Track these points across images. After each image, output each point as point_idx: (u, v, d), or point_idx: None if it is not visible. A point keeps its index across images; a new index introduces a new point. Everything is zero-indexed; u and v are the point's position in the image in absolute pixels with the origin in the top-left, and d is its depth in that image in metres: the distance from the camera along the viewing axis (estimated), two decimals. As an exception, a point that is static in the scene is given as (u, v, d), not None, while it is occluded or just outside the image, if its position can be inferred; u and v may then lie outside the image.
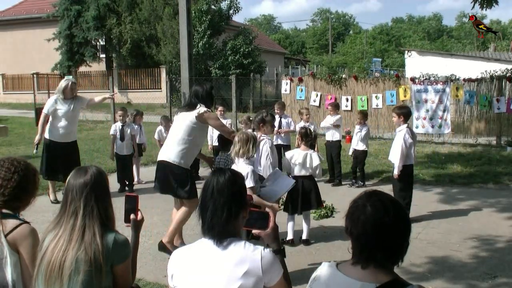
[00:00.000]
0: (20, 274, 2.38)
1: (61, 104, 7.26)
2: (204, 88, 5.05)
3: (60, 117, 7.26)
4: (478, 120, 12.26)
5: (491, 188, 8.24)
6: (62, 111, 7.25)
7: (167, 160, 4.89)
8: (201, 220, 2.03)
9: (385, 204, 1.69)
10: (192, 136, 4.91)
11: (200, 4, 22.85)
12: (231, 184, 2.01)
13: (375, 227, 1.65)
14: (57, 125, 7.26)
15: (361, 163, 8.52)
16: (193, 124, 4.88)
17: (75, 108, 7.47)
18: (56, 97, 7.31)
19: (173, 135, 5.00)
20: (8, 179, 2.46)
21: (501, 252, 5.30)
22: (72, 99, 7.39)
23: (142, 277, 4.57)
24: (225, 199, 1.98)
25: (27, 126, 16.22)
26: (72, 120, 7.45)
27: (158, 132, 8.86)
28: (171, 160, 4.87)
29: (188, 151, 4.92)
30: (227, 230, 1.98)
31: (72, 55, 24.75)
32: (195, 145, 5.04)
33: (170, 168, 4.87)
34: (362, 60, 47.60)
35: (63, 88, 7.26)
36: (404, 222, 1.70)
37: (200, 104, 4.91)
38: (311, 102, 13.60)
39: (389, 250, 1.66)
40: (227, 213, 1.97)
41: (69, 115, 7.32)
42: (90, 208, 2.20)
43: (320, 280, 1.79)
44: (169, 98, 16.74)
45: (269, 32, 74.88)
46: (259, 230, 2.10)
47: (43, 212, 6.13)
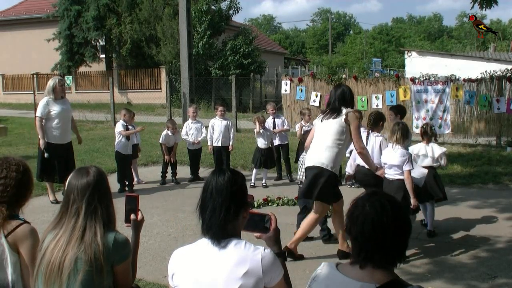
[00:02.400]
0: (20, 274, 2.39)
1: (53, 105, 7.15)
2: (349, 90, 5.09)
3: (54, 118, 7.14)
4: (478, 120, 12.26)
5: (491, 188, 8.24)
6: (55, 112, 7.14)
7: (318, 165, 4.89)
8: (201, 220, 2.03)
9: (383, 204, 1.69)
10: (342, 140, 4.93)
11: (200, 4, 22.84)
12: (230, 184, 2.01)
13: (373, 227, 1.65)
14: (52, 126, 7.15)
15: (360, 164, 8.51)
16: (342, 128, 4.89)
17: (68, 107, 7.40)
18: (47, 98, 7.17)
19: (321, 140, 4.98)
20: (5, 179, 2.46)
21: (501, 252, 5.30)
22: (62, 98, 7.30)
23: (142, 277, 4.57)
24: (224, 199, 1.98)
25: (27, 126, 16.21)
26: (67, 120, 7.36)
27: (165, 136, 8.77)
28: (324, 166, 4.87)
29: (338, 156, 4.94)
30: (226, 230, 1.98)
31: (72, 55, 24.75)
32: (344, 148, 5.09)
33: (321, 173, 4.87)
34: (362, 61, 47.58)
35: (52, 87, 7.14)
36: (403, 223, 1.70)
37: (343, 107, 4.94)
38: (311, 102, 13.58)
39: (387, 250, 1.66)
40: (225, 213, 1.97)
41: (62, 115, 7.22)
42: (93, 208, 2.21)
43: (319, 280, 1.79)
44: (169, 98, 16.74)
45: (269, 32, 74.88)
46: (260, 233, 2.11)
47: (43, 212, 6.15)
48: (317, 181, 4.88)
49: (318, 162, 4.91)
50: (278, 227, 2.15)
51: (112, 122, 15.84)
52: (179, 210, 6.96)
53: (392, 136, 5.18)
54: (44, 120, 7.12)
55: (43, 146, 7.13)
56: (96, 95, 24.78)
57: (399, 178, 5.12)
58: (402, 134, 5.12)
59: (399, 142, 5.12)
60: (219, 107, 8.95)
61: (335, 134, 4.90)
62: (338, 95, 5.01)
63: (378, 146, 5.62)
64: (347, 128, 4.90)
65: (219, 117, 8.76)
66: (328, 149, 4.89)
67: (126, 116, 8.22)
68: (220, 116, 8.75)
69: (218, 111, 8.85)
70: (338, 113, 4.93)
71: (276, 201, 7.41)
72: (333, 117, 4.95)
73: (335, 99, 5.04)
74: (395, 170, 5.14)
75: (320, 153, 4.93)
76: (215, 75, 22.62)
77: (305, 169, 5.15)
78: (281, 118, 9.23)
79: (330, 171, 4.88)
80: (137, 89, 24.61)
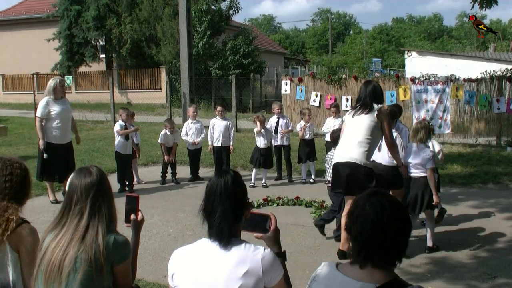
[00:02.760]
0: (20, 273, 2.39)
1: (53, 105, 7.14)
2: (379, 87, 5.12)
3: (54, 118, 7.13)
4: (478, 120, 12.26)
5: (491, 188, 8.24)
6: (55, 112, 7.13)
7: (352, 161, 4.87)
8: (208, 224, 2.02)
9: (383, 204, 1.69)
10: (373, 135, 4.93)
11: (200, 4, 22.83)
12: (235, 186, 2.01)
13: (373, 227, 1.65)
14: (52, 126, 7.14)
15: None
16: (375, 123, 4.89)
17: (68, 107, 7.39)
18: (47, 98, 7.15)
19: (352, 136, 4.96)
20: (10, 176, 2.47)
21: (501, 252, 5.30)
22: (62, 98, 7.29)
23: (142, 277, 4.57)
24: (232, 202, 1.98)
25: (27, 126, 16.22)
26: (67, 120, 7.35)
27: (163, 135, 8.80)
28: (357, 161, 4.84)
29: (369, 151, 4.94)
30: (233, 232, 1.99)
31: (72, 55, 24.74)
32: (375, 144, 5.08)
33: (357, 169, 4.85)
34: (362, 61, 47.56)
35: (52, 87, 7.13)
36: (403, 223, 1.69)
37: (375, 103, 4.97)
38: (311, 102, 13.59)
39: (387, 250, 1.66)
40: (234, 216, 1.98)
41: (63, 115, 7.22)
42: (97, 208, 2.21)
43: (319, 280, 1.79)
44: (169, 98, 16.73)
45: (269, 32, 74.88)
46: (260, 234, 2.11)
47: (43, 212, 6.15)
48: (353, 178, 4.84)
49: (351, 158, 4.87)
50: (278, 227, 2.15)
51: (112, 122, 15.82)
52: (179, 210, 6.96)
53: (415, 135, 5.34)
54: (44, 120, 7.12)
55: (43, 146, 7.12)
56: (96, 95, 24.77)
57: (424, 176, 5.25)
58: (425, 133, 5.30)
59: (422, 140, 5.30)
60: (218, 107, 8.95)
61: (367, 129, 4.88)
62: (369, 91, 5.00)
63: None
64: (379, 124, 4.93)
65: (219, 117, 8.76)
66: (360, 144, 4.87)
67: (123, 116, 8.22)
68: (219, 116, 8.75)
69: (217, 111, 8.85)
70: (370, 108, 4.94)
71: (276, 201, 7.41)
72: (364, 113, 4.95)
73: (365, 95, 5.03)
74: (419, 168, 5.27)
75: (351, 149, 4.90)
76: (215, 75, 22.61)
77: (336, 165, 5.07)
78: (286, 118, 9.17)
79: (364, 167, 4.85)
80: (137, 89, 24.60)
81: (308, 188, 8.43)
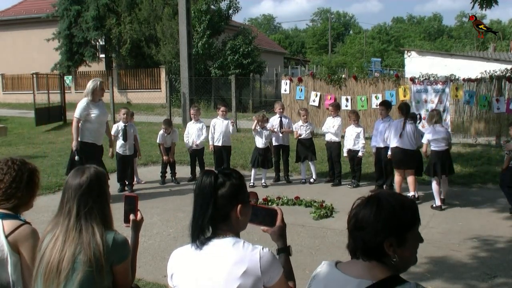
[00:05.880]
0: (20, 274, 2.38)
1: (93, 107, 7.06)
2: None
3: (93, 121, 7.06)
4: (477, 120, 12.26)
5: (491, 188, 8.24)
6: (94, 114, 7.06)
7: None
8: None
9: (381, 202, 1.69)
10: None
11: (200, 4, 22.83)
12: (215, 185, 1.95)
13: (370, 224, 1.65)
14: (89, 128, 7.07)
15: (358, 164, 8.52)
16: None
17: (104, 111, 7.33)
18: (86, 100, 7.06)
19: None
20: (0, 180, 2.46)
21: (501, 252, 5.30)
22: (100, 100, 7.22)
23: (141, 277, 4.57)
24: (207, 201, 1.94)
25: (26, 126, 16.22)
26: (103, 123, 7.30)
27: (161, 135, 8.81)
28: None
29: None
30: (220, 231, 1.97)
31: (72, 55, 24.73)
32: None
33: None
34: (360, 60, 47.54)
35: (92, 89, 7.04)
36: (400, 220, 1.69)
37: None
38: (311, 102, 13.59)
39: (384, 248, 1.66)
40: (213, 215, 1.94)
41: (100, 118, 7.17)
42: (87, 209, 2.20)
43: (319, 279, 1.80)
44: (168, 98, 16.73)
45: (269, 32, 74.88)
46: (266, 227, 2.11)
47: (43, 212, 6.14)
48: None
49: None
50: None
51: (112, 122, 15.82)
52: (178, 210, 6.96)
53: (431, 119, 7.15)
54: (82, 121, 7.04)
55: (76, 147, 7.01)
56: (95, 95, 24.72)
57: (442, 149, 7.02)
58: (440, 117, 7.30)
59: (438, 122, 7.12)
60: (221, 107, 8.94)
61: None
62: None
63: (413, 130, 7.29)
64: None
65: (221, 117, 8.75)
66: None
67: (126, 116, 8.26)
68: (221, 116, 8.75)
69: (220, 111, 8.84)
70: None
71: (275, 201, 7.41)
72: None
73: None
74: (439, 142, 7.02)
75: None
76: (215, 75, 22.61)
77: None
78: (288, 118, 9.15)
79: None
80: (136, 89, 24.60)
81: (308, 188, 8.43)
